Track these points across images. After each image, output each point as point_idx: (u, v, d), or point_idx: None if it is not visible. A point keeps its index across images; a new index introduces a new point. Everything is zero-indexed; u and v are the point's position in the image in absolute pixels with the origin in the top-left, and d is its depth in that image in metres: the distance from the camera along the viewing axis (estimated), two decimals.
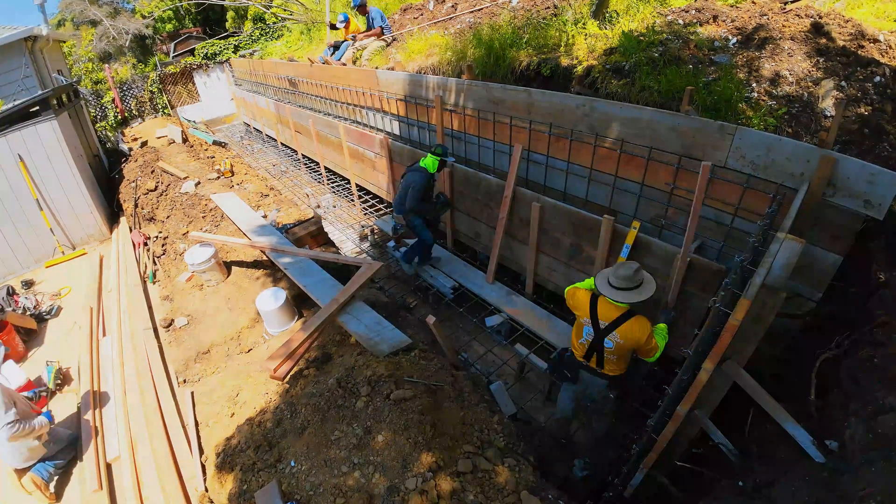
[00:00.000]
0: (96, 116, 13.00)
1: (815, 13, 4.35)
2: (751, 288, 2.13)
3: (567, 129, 4.36)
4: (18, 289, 6.28)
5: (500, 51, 5.62)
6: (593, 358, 3.22)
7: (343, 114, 8.68)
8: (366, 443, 2.94)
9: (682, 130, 3.56)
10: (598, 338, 3.10)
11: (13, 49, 9.16)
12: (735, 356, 2.48)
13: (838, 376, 2.57)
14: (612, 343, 3.06)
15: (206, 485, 3.37)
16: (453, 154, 5.93)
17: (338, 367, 3.71)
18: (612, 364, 3.17)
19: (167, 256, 6.39)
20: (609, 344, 3.07)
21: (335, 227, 7.89)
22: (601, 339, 3.09)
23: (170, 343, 4.93)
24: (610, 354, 3.11)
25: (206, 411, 3.99)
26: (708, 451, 3.04)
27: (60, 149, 6.78)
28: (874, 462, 1.92)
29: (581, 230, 4.37)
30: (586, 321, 3.15)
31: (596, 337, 3.11)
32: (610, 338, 3.05)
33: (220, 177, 8.79)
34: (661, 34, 4.60)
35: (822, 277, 3.15)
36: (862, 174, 2.77)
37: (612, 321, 3.01)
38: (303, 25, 12.84)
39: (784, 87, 3.85)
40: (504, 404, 4.08)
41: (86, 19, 19.19)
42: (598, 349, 3.15)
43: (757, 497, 2.38)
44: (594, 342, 3.14)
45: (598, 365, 3.21)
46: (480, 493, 2.66)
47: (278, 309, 4.59)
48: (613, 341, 3.05)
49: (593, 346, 3.17)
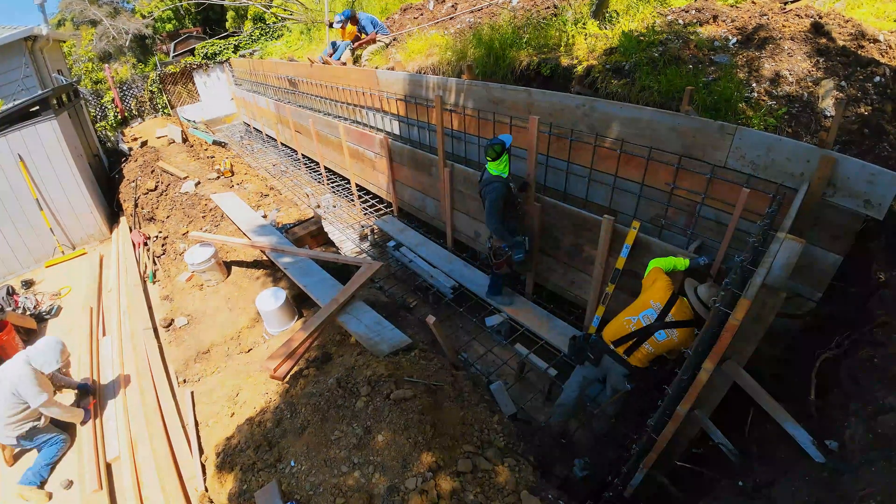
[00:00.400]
0: (96, 116, 13.00)
1: (815, 13, 4.35)
2: (751, 288, 2.13)
3: (567, 128, 4.36)
4: (18, 289, 6.28)
5: (500, 51, 5.61)
6: (627, 344, 3.23)
7: (343, 114, 8.68)
8: (366, 443, 2.94)
9: (682, 130, 3.56)
10: (656, 323, 3.13)
11: (13, 49, 9.15)
12: (735, 356, 2.48)
13: (838, 376, 2.57)
14: (666, 336, 3.09)
15: (206, 485, 3.37)
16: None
17: (338, 367, 3.71)
18: (643, 355, 3.19)
19: (167, 256, 6.39)
20: (662, 336, 3.11)
21: (335, 227, 7.89)
22: (657, 328, 3.12)
23: (170, 343, 4.93)
24: (652, 345, 3.14)
25: (206, 411, 3.99)
26: (708, 451, 3.04)
27: (60, 149, 6.78)
28: (874, 462, 1.92)
29: (581, 230, 4.37)
30: (657, 305, 3.16)
31: (655, 322, 3.13)
32: (668, 331, 3.09)
33: (219, 177, 8.79)
34: (661, 34, 4.60)
35: (822, 277, 3.15)
36: (862, 174, 2.77)
37: (681, 321, 3.07)
38: (303, 25, 12.83)
39: (784, 87, 3.85)
40: (504, 404, 4.08)
41: (86, 19, 19.20)
42: (642, 336, 3.17)
43: (757, 497, 2.38)
44: (648, 326, 3.15)
45: (627, 353, 3.24)
46: (480, 493, 2.66)
47: (278, 309, 4.59)
48: (669, 335, 3.09)
49: (642, 330, 3.17)
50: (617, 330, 3.31)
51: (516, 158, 4.94)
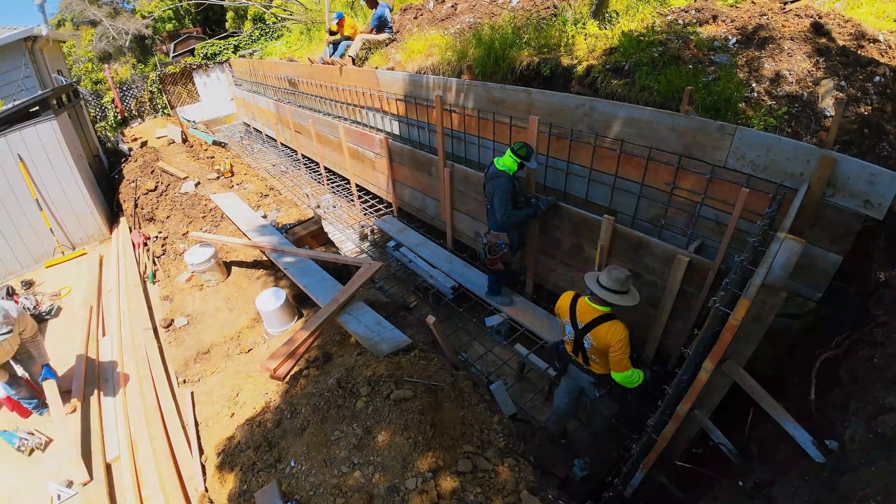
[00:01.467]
0: (96, 116, 13.00)
1: (815, 13, 4.35)
2: (751, 288, 2.13)
3: (567, 128, 4.36)
4: (18, 289, 6.27)
5: (500, 51, 5.62)
6: (580, 354, 3.29)
7: (343, 114, 8.68)
8: (366, 443, 2.94)
9: (681, 130, 3.56)
10: (577, 337, 3.19)
11: (13, 49, 9.15)
12: (735, 356, 2.48)
13: (838, 376, 2.57)
14: (589, 344, 3.13)
15: (206, 485, 3.37)
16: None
17: (338, 367, 3.71)
18: (596, 363, 3.22)
19: (167, 256, 6.39)
20: (587, 344, 3.14)
21: (335, 227, 7.89)
22: (580, 339, 3.16)
23: (169, 343, 4.93)
24: (591, 353, 3.18)
25: (206, 411, 3.99)
26: (708, 451, 3.05)
27: (60, 149, 6.77)
28: (874, 462, 1.92)
29: (581, 230, 4.37)
30: (566, 321, 3.25)
31: (576, 336, 3.19)
32: (586, 339, 3.13)
33: (219, 177, 8.79)
34: (661, 34, 4.60)
35: (822, 277, 3.15)
36: (862, 174, 2.77)
37: (588, 322, 3.08)
38: (302, 25, 12.83)
39: (784, 87, 3.85)
40: (504, 404, 4.08)
41: (85, 19, 19.19)
42: (581, 349, 3.23)
43: (757, 497, 2.38)
44: (576, 341, 3.22)
45: (585, 362, 3.29)
46: (480, 493, 2.66)
47: (278, 309, 4.59)
48: (589, 342, 3.12)
49: (576, 345, 3.25)
50: (568, 345, 3.39)
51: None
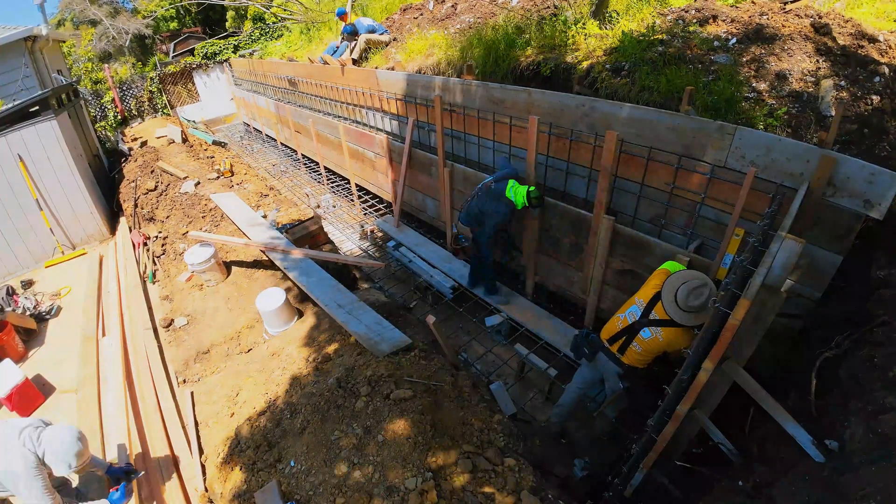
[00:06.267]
0: (96, 116, 12.99)
1: (815, 13, 4.35)
2: (751, 288, 2.13)
3: (567, 128, 4.36)
4: (18, 289, 6.27)
5: (501, 51, 5.61)
6: (619, 342, 3.21)
7: (343, 114, 8.68)
8: (366, 443, 2.94)
9: (681, 130, 3.56)
10: (640, 321, 3.09)
11: (13, 49, 9.15)
12: (735, 356, 2.48)
13: (838, 376, 2.57)
14: (651, 334, 3.05)
15: (206, 485, 3.37)
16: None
17: (338, 367, 3.71)
18: (635, 355, 3.17)
19: (167, 256, 6.39)
20: (647, 334, 3.07)
21: (335, 226, 7.89)
22: (642, 325, 3.08)
23: (169, 343, 4.93)
24: (640, 343, 3.11)
25: (206, 411, 3.99)
26: (708, 451, 3.04)
27: (60, 149, 6.77)
28: (874, 462, 1.92)
29: (581, 230, 4.37)
30: (640, 302, 3.13)
31: (639, 320, 3.10)
32: (652, 329, 3.05)
33: (219, 177, 8.79)
34: (661, 34, 4.60)
35: (822, 277, 3.15)
36: (862, 174, 2.77)
37: (662, 319, 3.02)
38: (302, 25, 12.84)
39: (784, 87, 3.85)
40: (504, 404, 4.08)
41: (86, 19, 19.18)
42: (630, 334, 3.14)
43: (757, 497, 2.38)
44: (634, 324, 3.12)
45: (620, 351, 3.22)
46: (480, 493, 2.66)
47: (278, 309, 4.59)
48: (654, 333, 3.04)
49: (629, 328, 3.15)
50: (610, 327, 3.32)
51: (515, 159, 5.00)
